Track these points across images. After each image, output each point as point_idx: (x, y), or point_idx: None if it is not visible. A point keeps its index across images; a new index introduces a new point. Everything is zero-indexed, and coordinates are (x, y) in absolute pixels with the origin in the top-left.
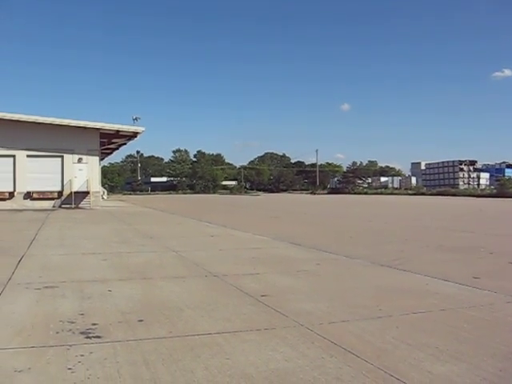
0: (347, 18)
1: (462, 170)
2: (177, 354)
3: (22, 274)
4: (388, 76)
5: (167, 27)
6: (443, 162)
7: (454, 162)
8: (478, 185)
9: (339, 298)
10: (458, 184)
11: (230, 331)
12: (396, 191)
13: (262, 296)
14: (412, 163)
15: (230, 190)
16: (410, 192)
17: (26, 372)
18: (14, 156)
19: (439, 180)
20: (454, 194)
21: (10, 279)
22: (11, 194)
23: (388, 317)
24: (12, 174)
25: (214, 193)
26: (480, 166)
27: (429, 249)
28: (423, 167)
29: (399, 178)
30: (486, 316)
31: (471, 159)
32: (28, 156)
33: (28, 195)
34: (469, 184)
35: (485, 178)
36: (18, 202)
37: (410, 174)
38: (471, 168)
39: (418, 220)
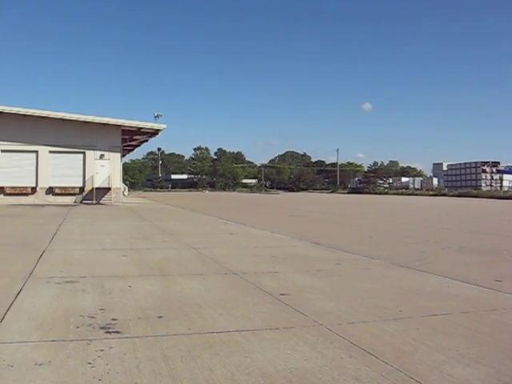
0: (371, 16)
1: (484, 171)
2: (195, 350)
3: (43, 268)
4: (411, 76)
5: (190, 23)
6: (465, 163)
7: (476, 163)
8: (501, 186)
9: (359, 299)
10: (481, 185)
11: (249, 329)
12: (417, 192)
13: (282, 295)
14: (434, 164)
15: (250, 189)
16: (431, 193)
17: (46, 365)
18: (36, 152)
19: (461, 181)
20: (476, 196)
21: (31, 273)
22: (34, 190)
23: (408, 318)
24: (35, 170)
25: (234, 191)
26: (503, 168)
27: (450, 250)
28: (445, 168)
29: (420, 178)
30: (509, 320)
31: (494, 160)
32: (50, 152)
33: (50, 190)
34: (491, 185)
35: (508, 179)
36: (40, 197)
37: (431, 174)
38: (494, 169)
39: (439, 221)
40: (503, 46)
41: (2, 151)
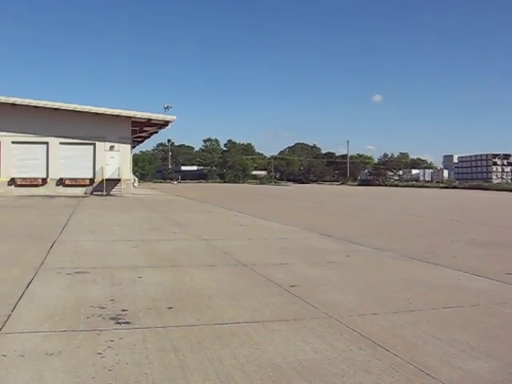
0: (383, 8)
1: (495, 163)
2: (205, 342)
3: (53, 259)
4: (422, 68)
5: (199, 15)
6: (476, 156)
7: (487, 155)
8: None
9: (369, 291)
10: (492, 178)
11: (259, 321)
12: (427, 184)
13: (291, 286)
14: (444, 156)
15: (260, 180)
16: (441, 185)
17: (56, 355)
18: (47, 143)
19: (472, 173)
20: (486, 188)
21: (42, 264)
22: (44, 181)
23: (418, 311)
24: (45, 161)
25: (244, 182)
26: None
27: (460, 243)
28: (456, 160)
29: (431, 170)
30: None
31: (505, 153)
32: (61, 143)
33: (60, 182)
34: (502, 178)
35: None
36: (50, 189)
37: (442, 166)
38: (505, 162)
39: (449, 213)
40: None
41: (13, 142)
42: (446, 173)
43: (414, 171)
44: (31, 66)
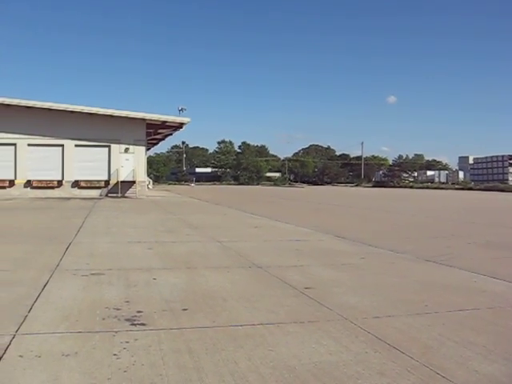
0: (398, 9)
1: (511, 165)
2: (220, 343)
3: (69, 260)
4: (436, 69)
5: (215, 17)
6: (492, 157)
7: (503, 156)
8: None
9: (384, 293)
10: (508, 179)
11: (274, 323)
12: (442, 185)
13: (306, 288)
14: (460, 157)
15: (274, 182)
16: (456, 187)
17: (72, 356)
18: (62, 145)
19: (488, 175)
20: (502, 190)
21: (58, 265)
22: (60, 183)
23: (434, 313)
24: (61, 163)
25: (258, 184)
26: None
27: (476, 245)
28: (471, 161)
29: (446, 172)
30: None
31: None
32: (76, 145)
33: (76, 184)
34: None
35: None
36: (66, 191)
37: (457, 168)
38: None
39: (464, 215)
40: None
41: (29, 145)
42: (461, 174)
43: (429, 173)
44: (43, 66)
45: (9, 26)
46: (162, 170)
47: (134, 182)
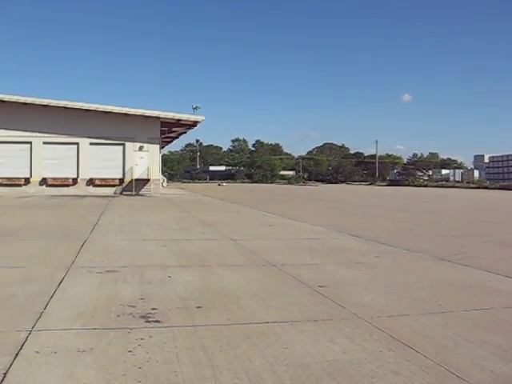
0: (413, 8)
1: None
2: (234, 341)
3: (84, 257)
4: (451, 68)
5: (230, 15)
6: (508, 156)
7: None
8: None
9: (398, 292)
10: None
11: (288, 321)
12: (457, 184)
13: (320, 287)
14: (475, 156)
15: (288, 180)
16: (472, 185)
17: (88, 352)
18: (77, 143)
19: (503, 174)
20: None
21: (73, 262)
22: (75, 181)
23: (449, 312)
24: (76, 161)
25: (272, 183)
26: None
27: (491, 244)
28: (487, 160)
29: (461, 170)
30: None
31: None
32: (91, 144)
33: (90, 182)
34: None
35: None
36: (80, 189)
37: (472, 167)
38: None
39: (479, 214)
40: None
41: (45, 143)
42: (476, 173)
43: (444, 171)
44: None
45: (21, 23)
46: (176, 168)
47: (148, 180)
